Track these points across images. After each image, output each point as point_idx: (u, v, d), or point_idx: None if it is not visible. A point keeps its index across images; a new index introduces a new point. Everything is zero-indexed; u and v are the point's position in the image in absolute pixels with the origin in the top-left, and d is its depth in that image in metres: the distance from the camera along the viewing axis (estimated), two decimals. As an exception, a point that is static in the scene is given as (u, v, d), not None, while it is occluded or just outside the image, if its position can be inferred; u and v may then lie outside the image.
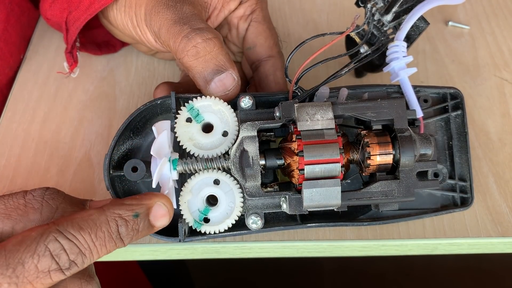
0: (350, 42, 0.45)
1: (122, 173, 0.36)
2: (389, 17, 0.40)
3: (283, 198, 0.36)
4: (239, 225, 0.37)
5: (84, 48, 0.50)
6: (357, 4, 0.42)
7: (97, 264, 0.67)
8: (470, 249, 0.43)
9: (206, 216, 0.36)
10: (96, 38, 0.50)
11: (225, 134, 0.36)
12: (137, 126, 0.39)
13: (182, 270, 0.88)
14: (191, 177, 0.36)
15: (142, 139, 0.40)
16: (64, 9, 0.44)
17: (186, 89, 0.42)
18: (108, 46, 0.52)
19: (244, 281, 1.09)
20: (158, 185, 0.35)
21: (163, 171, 0.35)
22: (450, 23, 0.55)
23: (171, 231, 0.37)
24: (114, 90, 0.50)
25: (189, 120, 0.36)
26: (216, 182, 0.36)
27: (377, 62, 0.41)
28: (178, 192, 0.36)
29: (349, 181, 0.40)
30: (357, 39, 0.42)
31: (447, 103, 0.42)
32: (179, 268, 0.87)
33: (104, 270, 0.69)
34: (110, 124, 0.47)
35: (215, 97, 0.36)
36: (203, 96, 0.36)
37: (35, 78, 0.50)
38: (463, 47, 0.54)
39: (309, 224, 0.38)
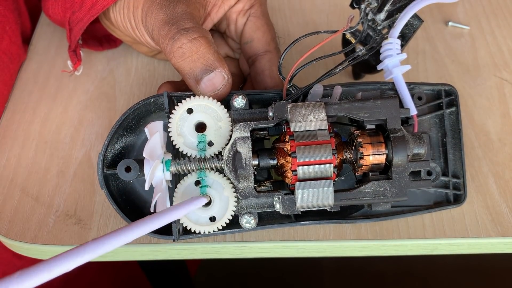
0: (347, 44, 0.45)
1: (116, 171, 0.36)
2: (382, 15, 0.40)
3: (276, 198, 0.36)
4: (233, 223, 0.37)
5: (86, 45, 0.50)
6: (351, 5, 0.42)
7: (97, 265, 0.67)
8: (470, 249, 0.43)
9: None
10: (97, 32, 0.50)
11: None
12: (131, 124, 0.39)
13: (182, 270, 0.88)
14: (184, 177, 0.36)
15: (136, 137, 0.40)
16: (67, 8, 0.45)
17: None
18: (109, 41, 0.52)
19: (244, 281, 1.09)
20: (151, 186, 0.36)
21: (155, 173, 0.35)
22: (450, 23, 0.55)
23: (166, 231, 0.37)
24: (114, 91, 0.50)
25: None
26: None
27: (374, 63, 0.41)
28: (171, 192, 0.36)
29: (342, 178, 0.40)
30: (353, 40, 0.42)
31: (442, 100, 0.41)
32: (179, 268, 0.87)
33: (104, 270, 0.69)
34: (110, 125, 0.47)
35: (208, 96, 0.36)
36: (196, 96, 0.36)
37: (35, 78, 0.50)
38: (463, 47, 0.54)
39: (302, 222, 0.38)
